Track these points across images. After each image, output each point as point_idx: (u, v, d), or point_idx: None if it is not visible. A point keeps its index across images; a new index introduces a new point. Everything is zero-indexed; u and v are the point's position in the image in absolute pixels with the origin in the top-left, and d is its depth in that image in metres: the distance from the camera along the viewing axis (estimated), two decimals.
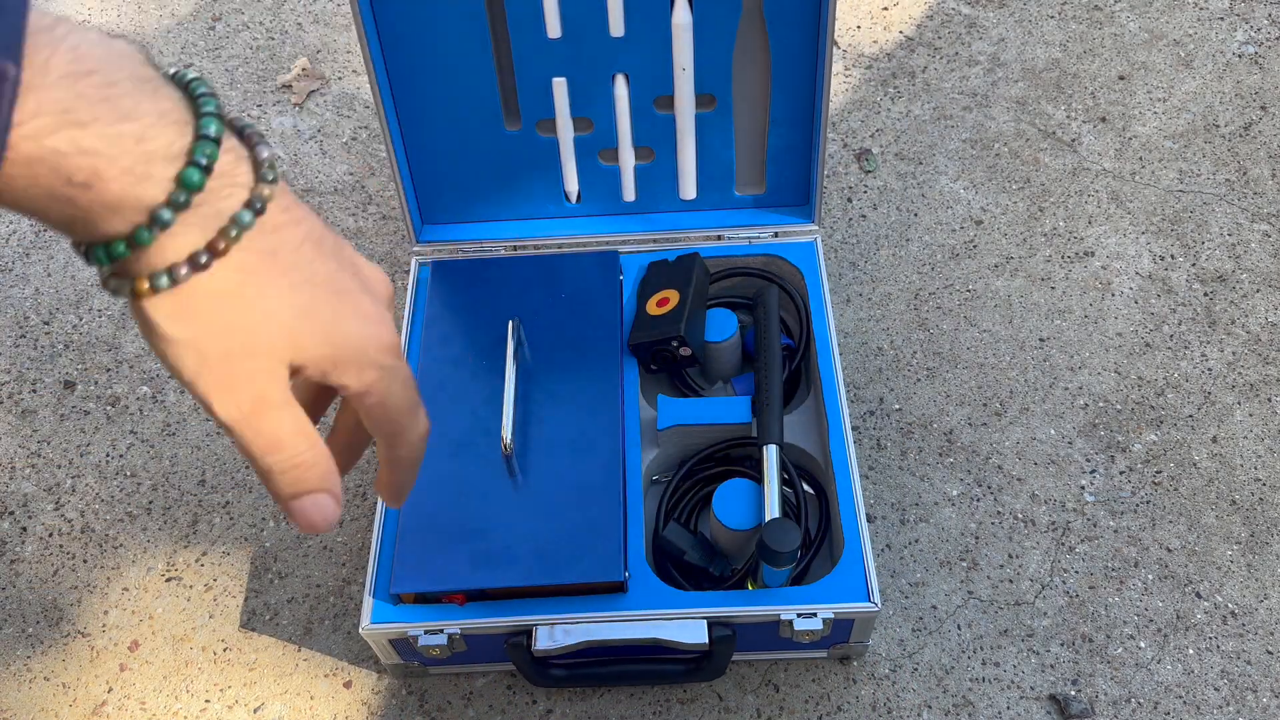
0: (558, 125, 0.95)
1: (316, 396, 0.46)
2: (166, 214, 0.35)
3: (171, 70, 0.38)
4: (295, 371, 0.39)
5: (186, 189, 0.35)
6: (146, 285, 0.35)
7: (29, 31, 0.33)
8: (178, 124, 0.36)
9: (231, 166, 0.37)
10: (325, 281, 0.40)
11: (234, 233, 0.36)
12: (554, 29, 0.89)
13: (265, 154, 0.38)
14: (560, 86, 0.92)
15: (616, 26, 0.89)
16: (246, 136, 0.39)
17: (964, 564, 0.94)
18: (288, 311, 0.38)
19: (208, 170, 0.35)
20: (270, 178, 0.38)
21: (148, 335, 0.37)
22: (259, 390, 0.38)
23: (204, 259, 0.36)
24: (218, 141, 0.36)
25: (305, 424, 0.40)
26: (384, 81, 0.91)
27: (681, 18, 0.88)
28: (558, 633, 0.77)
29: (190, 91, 0.37)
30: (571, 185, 1.00)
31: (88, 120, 0.34)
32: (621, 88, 0.93)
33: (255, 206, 0.37)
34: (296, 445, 0.39)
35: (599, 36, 0.89)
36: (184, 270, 0.35)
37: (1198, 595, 0.92)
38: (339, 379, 0.40)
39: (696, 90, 0.93)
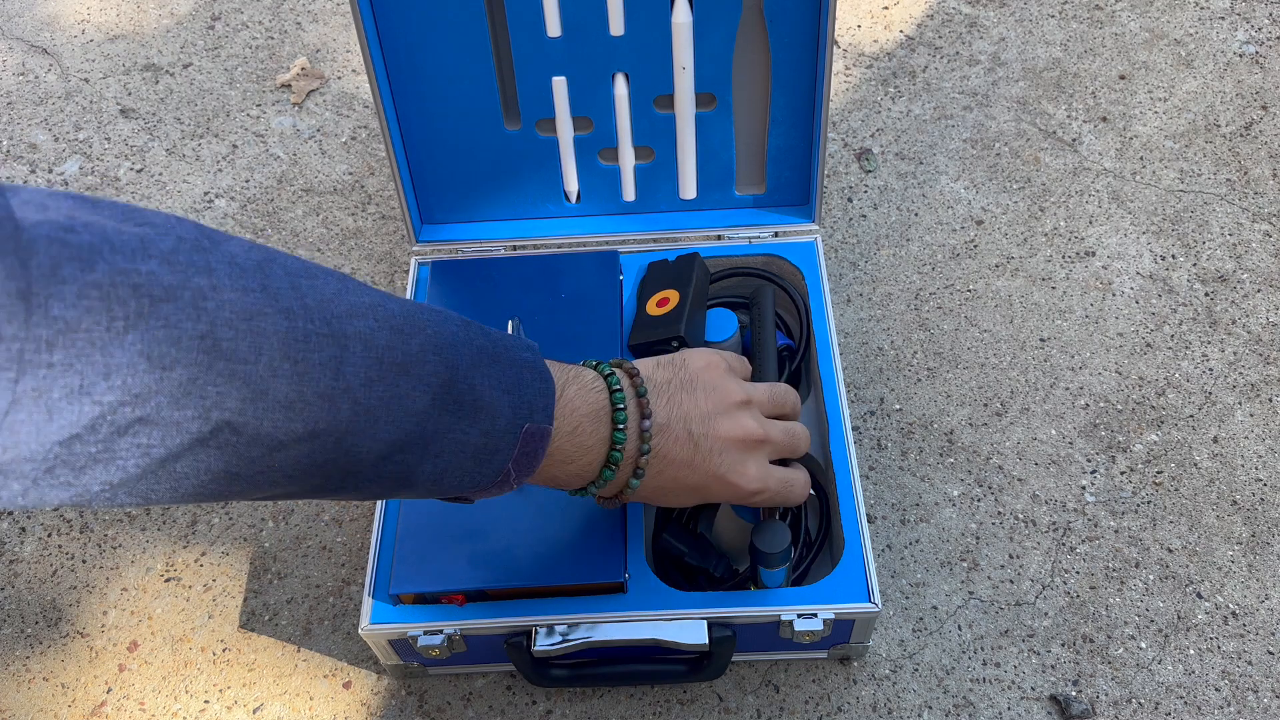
0: (558, 124, 0.95)
1: None
2: (593, 489, 0.65)
3: (598, 365, 0.66)
4: None
5: (604, 480, 0.64)
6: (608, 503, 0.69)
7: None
8: (606, 440, 0.63)
9: (628, 449, 0.64)
10: (694, 486, 0.68)
11: (627, 492, 0.66)
12: (554, 28, 0.89)
13: (648, 424, 0.64)
14: (560, 85, 0.92)
15: (616, 25, 0.89)
16: (640, 403, 0.64)
17: (964, 564, 0.94)
18: (676, 501, 0.71)
19: (617, 468, 0.64)
20: (646, 449, 0.64)
21: None
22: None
23: (614, 503, 0.68)
24: (622, 450, 0.63)
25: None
26: (384, 81, 0.91)
27: (682, 16, 0.88)
28: (557, 633, 0.77)
29: (613, 403, 0.63)
30: (571, 185, 1.00)
31: (573, 459, 0.62)
32: (621, 87, 0.93)
33: (639, 474, 0.65)
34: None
35: (599, 35, 0.89)
36: (608, 504, 0.69)
37: (1199, 595, 0.92)
38: None
39: (696, 89, 0.93)
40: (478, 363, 0.56)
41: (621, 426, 0.62)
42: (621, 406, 0.63)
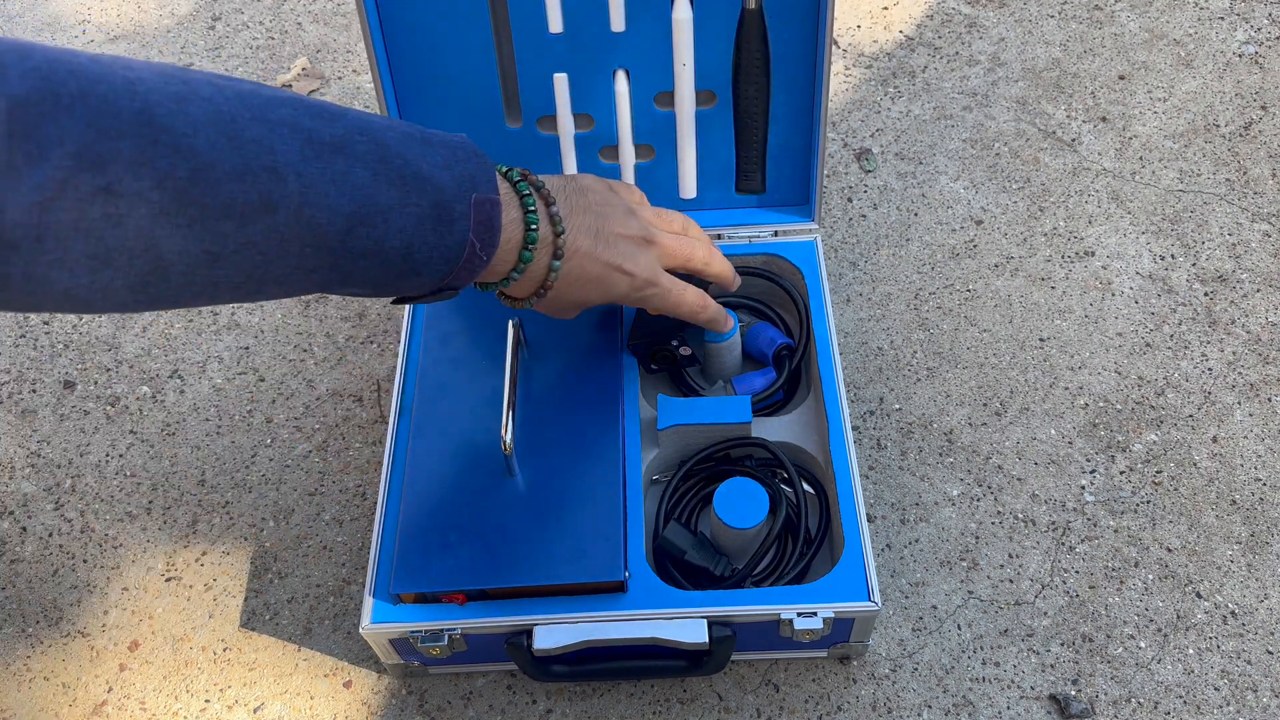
0: (559, 122, 0.95)
1: None
2: (515, 276, 0.69)
3: (505, 169, 0.69)
4: None
5: (524, 264, 0.68)
6: (517, 303, 0.74)
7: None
8: (519, 223, 0.67)
9: (542, 231, 0.68)
10: (597, 277, 0.73)
11: (551, 278, 0.71)
12: (555, 24, 0.89)
13: (555, 209, 0.69)
14: (561, 82, 0.92)
15: (618, 21, 0.89)
16: (542, 194, 0.69)
17: (964, 564, 0.94)
18: (582, 299, 0.76)
19: (534, 249, 0.68)
20: (560, 230, 0.69)
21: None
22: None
23: (541, 292, 0.72)
24: (537, 230, 0.67)
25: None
26: (386, 78, 0.91)
27: (682, 13, 0.88)
28: (558, 632, 0.77)
29: (518, 191, 0.68)
30: None
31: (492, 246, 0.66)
32: (622, 83, 0.93)
33: (559, 255, 0.70)
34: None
35: (600, 31, 0.89)
36: (531, 300, 0.73)
37: (1198, 595, 0.92)
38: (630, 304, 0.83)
39: (696, 86, 0.93)
40: (407, 143, 0.61)
41: (532, 209, 0.67)
42: (528, 193, 0.68)
